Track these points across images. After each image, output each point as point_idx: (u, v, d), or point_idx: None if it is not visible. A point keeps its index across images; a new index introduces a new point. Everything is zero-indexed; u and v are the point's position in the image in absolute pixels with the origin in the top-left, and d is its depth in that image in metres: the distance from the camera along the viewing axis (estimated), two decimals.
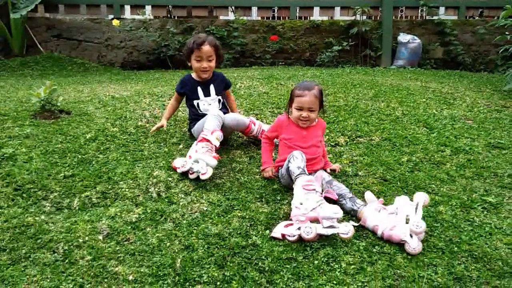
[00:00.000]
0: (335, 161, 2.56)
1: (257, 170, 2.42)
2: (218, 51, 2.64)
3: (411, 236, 1.84)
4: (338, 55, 5.98)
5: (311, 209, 1.89)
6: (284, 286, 1.62)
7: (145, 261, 1.70)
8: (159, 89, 3.76)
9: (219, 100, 2.68)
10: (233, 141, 2.77)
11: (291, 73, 4.70)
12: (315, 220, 1.88)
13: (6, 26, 5.21)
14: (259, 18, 6.48)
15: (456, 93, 4.08)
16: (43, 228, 1.83)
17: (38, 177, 2.15)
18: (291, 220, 1.93)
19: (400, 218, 1.91)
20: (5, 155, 2.33)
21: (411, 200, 1.99)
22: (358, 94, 3.75)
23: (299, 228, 1.85)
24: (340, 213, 1.87)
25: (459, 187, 2.38)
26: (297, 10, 6.39)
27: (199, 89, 2.63)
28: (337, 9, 6.38)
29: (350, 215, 2.06)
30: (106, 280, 1.60)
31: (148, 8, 6.08)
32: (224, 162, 2.47)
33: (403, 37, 6.00)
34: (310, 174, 2.13)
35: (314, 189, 1.97)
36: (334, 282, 1.64)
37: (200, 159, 2.17)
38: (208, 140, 2.27)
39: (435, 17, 6.21)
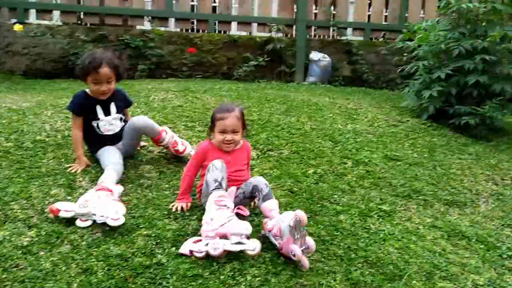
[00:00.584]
0: None
1: (167, 186, 2.38)
2: (118, 70, 2.44)
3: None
4: (255, 70, 6.14)
5: (220, 224, 1.88)
6: None
7: None
8: (64, 100, 3.52)
9: (121, 118, 2.53)
10: (142, 156, 2.69)
11: (208, 86, 4.72)
12: (224, 236, 1.86)
13: None
14: (178, 30, 6.43)
15: (359, 109, 4.41)
16: None
17: None
18: (200, 236, 1.91)
19: (283, 240, 1.87)
20: None
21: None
22: (271, 109, 3.88)
23: (207, 244, 1.83)
24: (249, 230, 1.88)
25: (358, 196, 2.57)
26: (216, 24, 6.45)
27: (98, 108, 2.44)
28: (254, 25, 6.57)
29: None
30: None
31: (57, 13, 5.71)
32: (131, 178, 2.38)
33: (315, 55, 6.36)
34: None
35: (225, 205, 1.95)
36: None
37: (106, 206, 1.94)
38: (110, 190, 2.05)
39: (343, 37, 6.69)
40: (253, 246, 1.86)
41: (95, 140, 2.46)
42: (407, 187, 2.77)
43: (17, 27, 5.01)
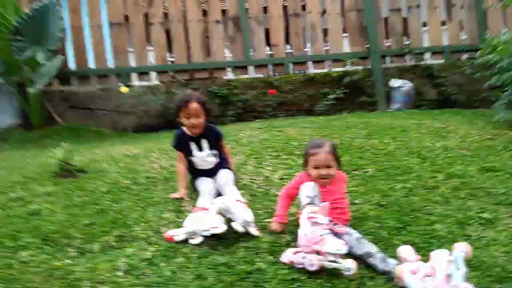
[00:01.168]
0: None
1: (260, 206, 2.57)
2: (205, 106, 2.69)
3: None
4: (335, 103, 6.30)
5: (314, 242, 1.91)
6: None
7: None
8: (166, 145, 4.03)
9: (215, 154, 2.76)
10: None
11: (290, 121, 5.00)
12: (320, 253, 1.89)
13: (24, 100, 5.65)
14: (257, 76, 6.93)
15: (449, 127, 4.28)
16: (68, 270, 1.98)
17: (62, 228, 2.34)
18: (299, 247, 1.97)
19: (439, 280, 1.72)
20: (31, 211, 2.54)
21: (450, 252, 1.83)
22: (352, 134, 3.98)
23: (304, 257, 1.91)
24: (343, 250, 1.86)
25: (453, 207, 2.51)
26: (292, 66, 6.82)
27: (191, 145, 2.71)
28: (328, 62, 6.81)
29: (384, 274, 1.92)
30: None
31: (153, 74, 6.57)
32: None
33: (395, 82, 6.34)
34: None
35: (317, 222, 1.96)
36: None
37: (206, 220, 2.18)
38: (207, 210, 2.29)
39: (422, 63, 6.60)
40: (349, 266, 1.86)
41: (193, 172, 2.80)
42: (509, 195, 2.62)
43: (124, 89, 5.87)
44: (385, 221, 2.35)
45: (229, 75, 6.69)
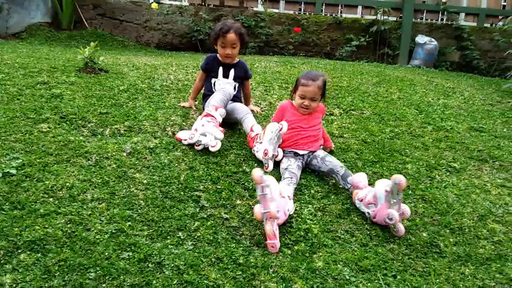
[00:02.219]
0: (326, 126, 2.96)
1: None
2: (243, 38, 2.76)
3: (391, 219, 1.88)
4: (357, 51, 6.33)
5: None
6: None
7: (157, 173, 2.17)
8: (185, 62, 4.27)
9: (235, 87, 2.80)
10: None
11: (307, 61, 5.11)
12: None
13: (58, 2, 5.87)
14: (286, 12, 6.91)
15: (457, 88, 4.37)
16: (81, 144, 2.33)
17: (79, 111, 2.67)
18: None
19: (378, 207, 1.94)
20: (54, 94, 2.87)
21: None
22: (362, 80, 4.12)
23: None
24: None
25: (430, 154, 2.74)
26: (323, 7, 6.76)
27: (220, 69, 2.79)
28: (360, 8, 6.72)
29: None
30: (126, 181, 2.08)
31: None
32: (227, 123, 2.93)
33: (421, 39, 6.28)
34: (309, 153, 2.35)
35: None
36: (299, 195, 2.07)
37: (208, 132, 2.36)
38: (212, 116, 2.43)
39: (454, 22, 6.46)
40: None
41: (207, 95, 2.78)
42: (484, 153, 2.83)
43: (154, 6, 6.00)
44: (364, 154, 2.61)
45: (260, 7, 6.69)
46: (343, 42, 6.46)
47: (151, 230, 1.77)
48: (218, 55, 2.83)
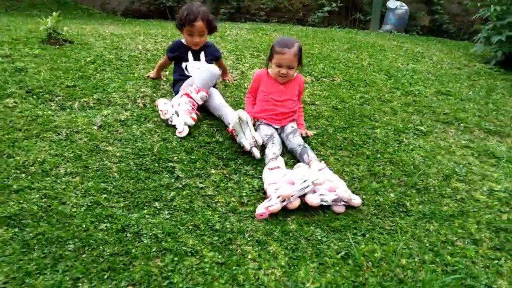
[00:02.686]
0: None
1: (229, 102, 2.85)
2: (211, 24, 2.60)
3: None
4: (329, 17, 6.31)
5: (282, 175, 1.95)
6: (236, 168, 2.10)
7: (129, 145, 2.16)
8: (154, 31, 4.15)
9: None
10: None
11: (279, 27, 5.06)
12: (290, 184, 1.88)
13: None
14: None
15: (426, 53, 4.46)
16: (49, 119, 2.28)
17: (45, 85, 2.59)
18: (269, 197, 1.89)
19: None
20: (17, 68, 2.76)
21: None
22: (333, 47, 4.14)
23: (278, 196, 1.82)
24: (310, 173, 1.91)
25: (398, 118, 2.83)
26: None
27: (189, 53, 2.62)
28: None
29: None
30: (99, 154, 2.06)
31: None
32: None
33: (392, 3, 6.31)
34: (278, 127, 2.32)
35: (278, 167, 2.03)
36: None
37: (181, 114, 2.29)
38: (192, 98, 2.35)
39: None
40: (319, 177, 1.88)
41: (179, 79, 2.59)
42: (450, 116, 2.94)
43: None
44: (335, 121, 2.66)
45: None
46: (315, 7, 6.41)
47: (127, 202, 1.79)
48: (183, 40, 2.67)
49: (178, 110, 2.33)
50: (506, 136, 2.82)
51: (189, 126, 2.31)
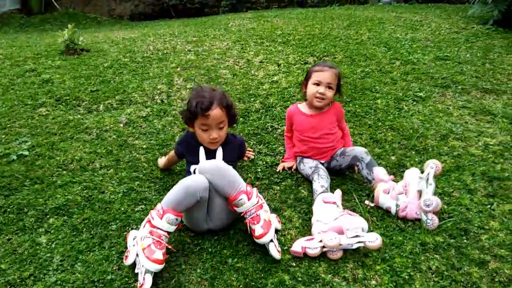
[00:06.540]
0: (303, 75, 3.17)
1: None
2: (231, 111, 1.87)
3: (425, 212, 1.76)
4: None
5: (334, 218, 1.72)
6: (250, 147, 2.33)
7: (153, 138, 2.42)
8: (162, 31, 4.39)
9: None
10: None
11: (279, 12, 5.22)
12: (339, 231, 1.67)
13: None
14: None
15: (424, 21, 4.56)
16: (80, 122, 2.55)
17: (71, 92, 2.87)
18: (312, 235, 1.73)
19: (411, 196, 1.82)
20: (44, 79, 3.04)
21: (422, 170, 1.89)
22: (333, 25, 4.29)
23: (320, 241, 1.63)
24: (366, 224, 1.70)
25: (398, 87, 3.00)
26: None
27: (201, 150, 1.87)
28: None
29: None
30: (127, 148, 2.33)
31: None
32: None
33: None
34: (322, 163, 2.12)
35: (334, 202, 1.81)
36: None
37: (140, 257, 1.53)
38: (155, 227, 1.56)
39: None
40: (373, 238, 1.63)
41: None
42: (448, 79, 3.09)
43: None
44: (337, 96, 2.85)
45: None
46: None
47: (157, 186, 2.05)
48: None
49: (138, 251, 1.56)
50: (502, 93, 2.96)
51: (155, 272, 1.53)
